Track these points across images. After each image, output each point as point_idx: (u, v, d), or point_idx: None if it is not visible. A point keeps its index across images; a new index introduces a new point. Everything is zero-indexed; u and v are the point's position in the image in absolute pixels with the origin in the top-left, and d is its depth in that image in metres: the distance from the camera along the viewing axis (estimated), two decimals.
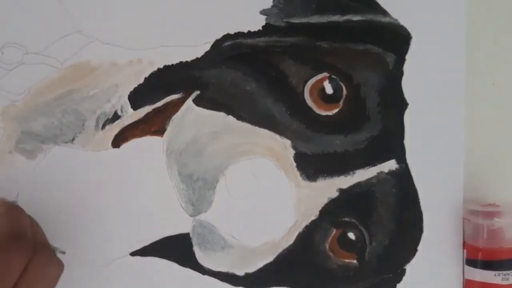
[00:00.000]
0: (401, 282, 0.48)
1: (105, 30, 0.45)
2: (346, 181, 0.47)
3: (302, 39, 0.46)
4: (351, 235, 0.47)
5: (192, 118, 0.46)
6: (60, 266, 0.42)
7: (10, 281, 0.37)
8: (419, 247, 0.48)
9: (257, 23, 0.46)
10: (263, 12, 0.46)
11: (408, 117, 0.47)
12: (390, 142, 0.47)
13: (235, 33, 0.46)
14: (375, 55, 0.46)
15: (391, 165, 0.47)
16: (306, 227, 0.47)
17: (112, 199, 0.46)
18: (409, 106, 0.47)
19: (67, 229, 0.46)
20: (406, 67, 0.47)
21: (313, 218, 0.47)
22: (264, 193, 0.47)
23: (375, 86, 0.46)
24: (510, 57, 0.49)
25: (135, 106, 0.46)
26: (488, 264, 0.46)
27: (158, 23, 0.46)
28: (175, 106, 0.46)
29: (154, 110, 0.46)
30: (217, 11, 0.46)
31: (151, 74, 0.46)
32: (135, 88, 0.46)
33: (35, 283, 0.38)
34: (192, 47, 0.46)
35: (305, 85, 0.46)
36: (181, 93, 0.46)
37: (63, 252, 0.46)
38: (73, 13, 0.45)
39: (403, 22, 0.46)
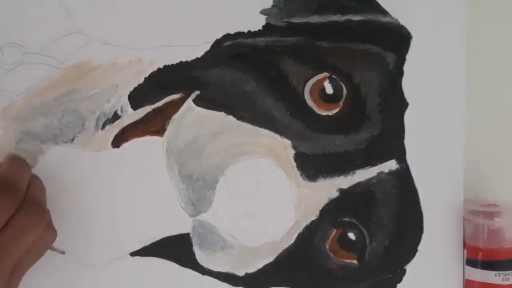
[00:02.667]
0: (401, 282, 0.48)
1: (105, 30, 0.45)
2: (346, 181, 0.47)
3: (302, 39, 0.46)
4: (351, 235, 0.47)
5: (192, 118, 0.46)
6: (51, 233, 0.41)
7: None
8: (419, 247, 0.48)
9: (257, 23, 0.46)
10: (263, 12, 0.46)
11: (408, 117, 0.47)
12: (390, 142, 0.47)
13: (235, 33, 0.46)
14: (375, 55, 0.46)
15: (391, 165, 0.47)
16: (306, 227, 0.47)
17: (112, 199, 0.46)
18: (409, 106, 0.47)
19: (67, 229, 0.46)
20: (406, 67, 0.47)
21: (313, 218, 0.47)
22: (264, 193, 0.47)
23: (375, 86, 0.46)
24: (510, 57, 0.49)
25: (135, 106, 0.46)
26: (489, 264, 0.46)
27: (158, 23, 0.46)
28: (175, 106, 0.46)
29: (154, 110, 0.46)
30: (217, 11, 0.46)
31: (151, 74, 0.46)
32: (135, 88, 0.46)
33: (18, 239, 0.37)
34: (192, 47, 0.46)
35: (305, 85, 0.46)
36: (181, 93, 0.46)
37: (63, 252, 0.46)
38: (73, 13, 0.45)
39: (403, 22, 0.46)
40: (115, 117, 0.46)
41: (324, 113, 0.46)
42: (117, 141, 0.46)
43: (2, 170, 0.41)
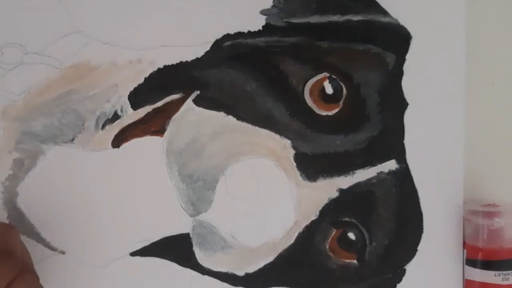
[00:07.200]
0: (401, 282, 0.48)
1: (105, 30, 0.45)
2: (346, 181, 0.47)
3: (302, 39, 0.46)
4: (351, 235, 0.47)
5: (192, 118, 0.46)
6: None
7: None
8: (419, 247, 0.48)
9: (257, 23, 0.46)
10: (263, 12, 0.46)
11: (408, 117, 0.47)
12: (390, 142, 0.47)
13: (235, 33, 0.46)
14: (375, 55, 0.46)
15: (391, 165, 0.47)
16: (306, 227, 0.47)
17: (112, 199, 0.46)
18: (409, 106, 0.47)
19: (67, 229, 0.46)
20: (406, 67, 0.47)
21: (313, 218, 0.47)
22: (264, 193, 0.47)
23: (375, 86, 0.46)
24: (510, 57, 0.49)
25: (135, 106, 0.46)
26: (488, 264, 0.46)
27: (158, 23, 0.46)
28: (175, 106, 0.46)
29: (154, 110, 0.46)
30: (217, 11, 0.46)
31: (151, 74, 0.46)
32: (135, 88, 0.46)
33: None
34: (192, 47, 0.46)
35: (305, 85, 0.46)
36: (181, 93, 0.46)
37: (63, 252, 0.46)
38: (73, 13, 0.45)
39: (403, 22, 0.46)
40: (115, 117, 0.46)
41: (324, 113, 0.46)
42: (117, 141, 0.46)
43: None
